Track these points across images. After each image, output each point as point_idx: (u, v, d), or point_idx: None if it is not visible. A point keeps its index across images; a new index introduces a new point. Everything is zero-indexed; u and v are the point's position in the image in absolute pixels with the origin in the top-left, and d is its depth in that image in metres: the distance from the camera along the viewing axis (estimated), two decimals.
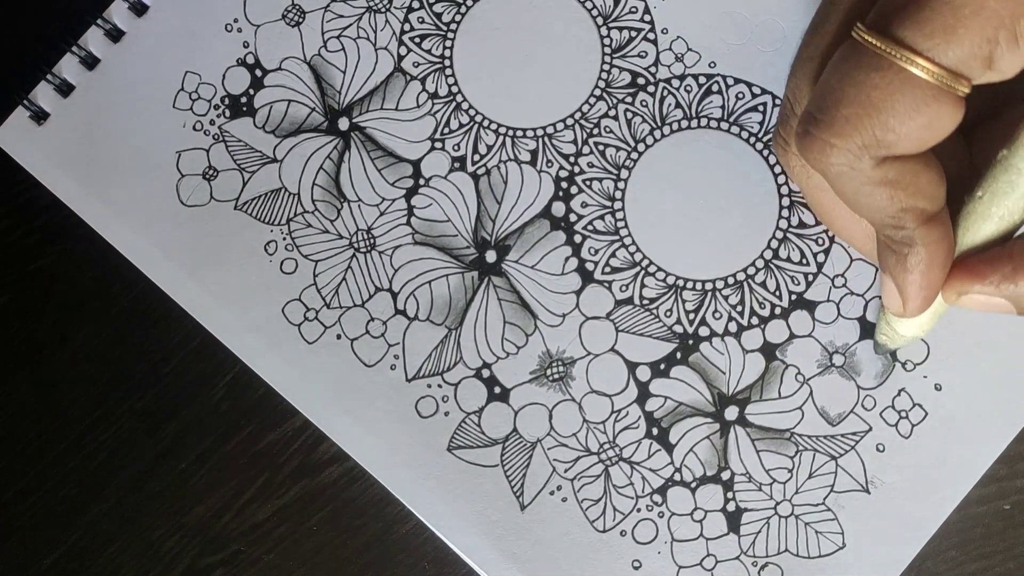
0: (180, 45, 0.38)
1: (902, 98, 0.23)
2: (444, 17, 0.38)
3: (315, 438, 0.37)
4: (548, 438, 0.35)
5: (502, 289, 0.36)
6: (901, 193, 0.24)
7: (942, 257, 0.25)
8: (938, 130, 0.23)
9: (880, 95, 0.23)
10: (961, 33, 0.22)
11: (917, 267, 0.26)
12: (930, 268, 0.26)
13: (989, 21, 0.22)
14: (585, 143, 0.36)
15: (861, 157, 0.24)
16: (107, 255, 0.38)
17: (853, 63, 0.23)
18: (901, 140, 0.23)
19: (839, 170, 0.24)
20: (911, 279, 0.26)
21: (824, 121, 0.24)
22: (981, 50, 0.22)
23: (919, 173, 0.24)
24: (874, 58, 0.23)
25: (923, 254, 0.25)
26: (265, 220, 0.37)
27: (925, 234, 0.25)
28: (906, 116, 0.23)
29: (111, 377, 0.38)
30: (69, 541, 0.37)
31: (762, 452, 0.35)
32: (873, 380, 0.35)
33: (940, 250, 0.25)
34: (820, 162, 0.24)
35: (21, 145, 0.38)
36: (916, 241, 0.25)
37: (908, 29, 0.22)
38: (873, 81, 0.23)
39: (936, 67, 0.22)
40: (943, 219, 0.25)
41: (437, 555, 0.36)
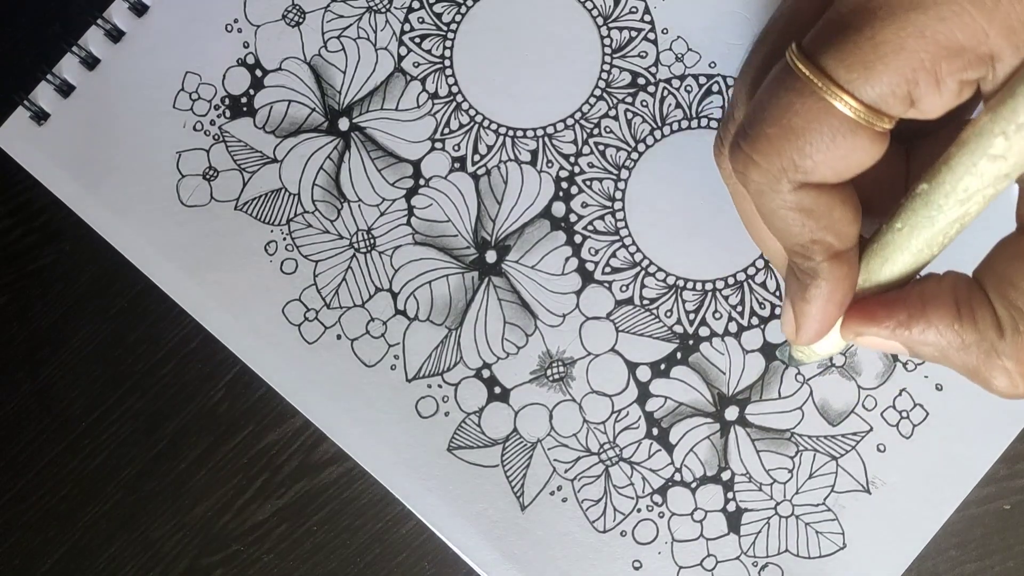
0: (180, 45, 0.38)
1: (819, 127, 0.23)
2: (444, 17, 0.38)
3: (315, 438, 0.37)
4: (548, 438, 0.35)
5: (502, 289, 0.36)
6: (813, 224, 0.24)
7: (841, 295, 0.26)
8: (855, 162, 0.24)
9: (800, 121, 0.23)
10: (880, 70, 0.22)
11: (816, 299, 0.26)
12: (828, 303, 0.26)
13: (908, 61, 0.22)
14: (585, 143, 0.36)
15: (780, 179, 0.24)
16: (107, 255, 0.38)
17: (781, 84, 0.24)
18: (818, 167, 0.23)
19: (758, 187, 0.24)
20: (808, 310, 0.26)
21: (751, 136, 0.24)
22: (900, 89, 0.22)
23: (834, 208, 0.24)
24: (799, 83, 0.23)
25: (824, 288, 0.26)
26: (265, 220, 0.37)
27: (829, 269, 0.25)
28: (823, 145, 0.23)
29: (111, 377, 0.38)
30: (69, 541, 0.37)
31: (762, 452, 0.35)
32: (874, 380, 0.35)
33: (840, 288, 0.26)
34: (743, 176, 0.25)
35: (21, 145, 0.38)
36: (820, 275, 0.25)
37: (832, 60, 0.23)
38: (795, 107, 0.23)
39: (856, 101, 0.23)
40: (850, 258, 0.26)
41: (437, 555, 0.36)
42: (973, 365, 0.24)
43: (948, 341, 0.24)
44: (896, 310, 0.25)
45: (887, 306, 0.26)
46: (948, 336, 0.24)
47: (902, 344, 0.26)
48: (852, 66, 0.22)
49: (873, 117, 0.23)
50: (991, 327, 0.24)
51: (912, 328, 0.25)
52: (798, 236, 0.25)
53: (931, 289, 0.25)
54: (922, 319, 0.25)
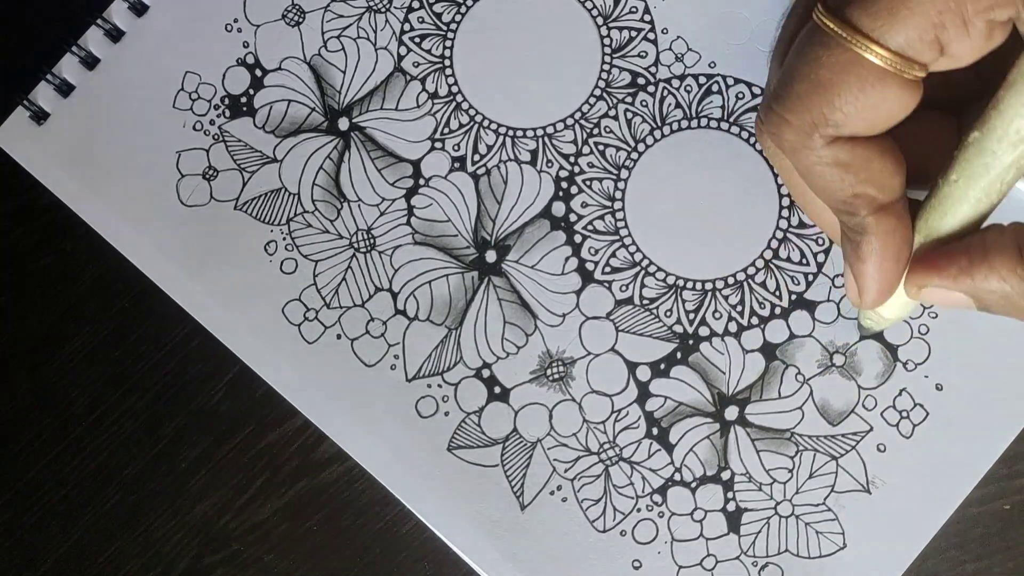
0: (180, 45, 0.38)
1: (847, 78, 0.23)
2: (444, 17, 0.38)
3: (315, 438, 0.37)
4: (548, 438, 0.35)
5: (502, 289, 0.36)
6: (852, 177, 0.24)
7: (894, 248, 0.25)
8: (886, 111, 0.24)
9: (828, 74, 0.23)
10: (905, 15, 0.22)
11: (870, 256, 0.26)
12: (883, 259, 0.26)
13: (934, 4, 0.22)
14: (585, 143, 0.36)
15: (811, 135, 0.24)
16: (107, 255, 0.38)
17: (809, 43, 0.24)
18: (849, 119, 0.23)
19: (792, 146, 0.24)
20: (865, 269, 0.26)
21: (781, 96, 0.24)
22: (928, 34, 0.22)
23: (871, 159, 0.24)
24: (826, 38, 0.23)
25: (875, 243, 0.25)
26: (265, 220, 0.37)
27: (876, 223, 0.25)
28: (852, 96, 0.23)
29: (111, 377, 0.38)
30: (70, 541, 0.37)
31: (762, 452, 0.35)
32: (874, 380, 0.35)
33: (893, 241, 0.25)
34: (777, 138, 0.25)
35: (21, 145, 0.38)
36: (868, 229, 0.25)
37: (857, 11, 0.23)
38: (822, 60, 0.23)
39: (884, 50, 0.23)
40: (898, 210, 0.25)
41: (437, 555, 0.36)
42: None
43: (1012, 286, 0.24)
44: (957, 257, 0.25)
45: (948, 255, 0.25)
46: (1012, 281, 0.24)
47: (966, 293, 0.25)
48: (877, 14, 0.22)
49: (903, 64, 0.23)
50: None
51: (974, 274, 0.24)
52: (839, 191, 0.25)
53: (992, 237, 0.25)
54: (984, 264, 0.24)
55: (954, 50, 0.23)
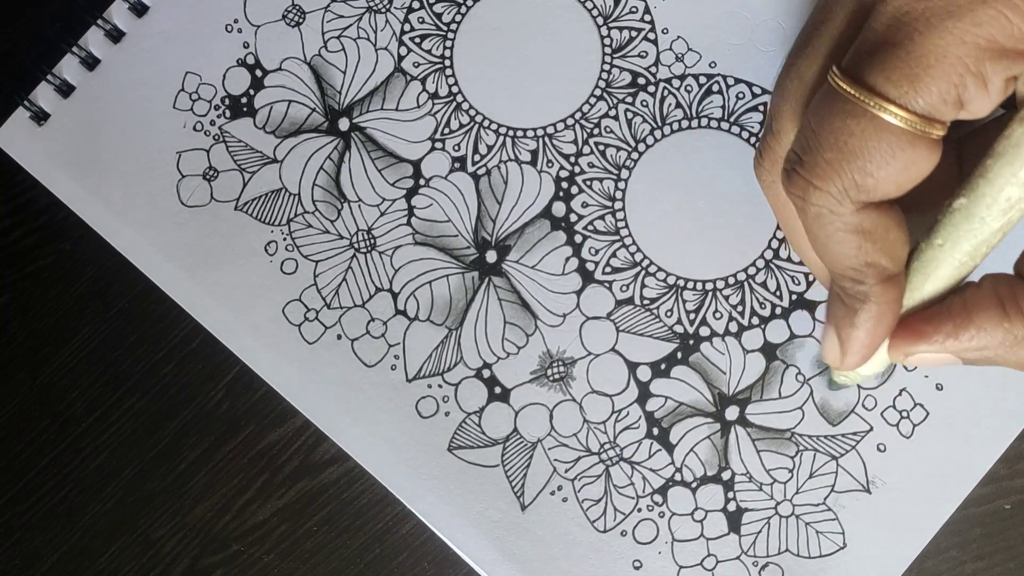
0: (180, 46, 0.38)
1: (878, 144, 0.23)
2: (444, 17, 0.38)
3: (315, 438, 0.37)
4: (549, 438, 0.35)
5: (502, 289, 0.36)
6: (870, 246, 0.25)
7: (890, 318, 0.26)
8: (915, 172, 0.24)
9: (857, 142, 0.23)
10: (927, 81, 0.23)
11: (864, 324, 0.26)
12: (877, 326, 0.26)
13: (953, 68, 0.22)
14: (585, 143, 0.36)
15: (842, 201, 0.24)
16: (107, 255, 0.38)
17: (830, 108, 0.24)
18: (880, 184, 0.24)
19: (818, 211, 0.25)
20: (855, 335, 0.26)
21: (808, 163, 0.24)
22: (950, 95, 0.23)
23: (891, 229, 0.25)
24: (848, 104, 0.23)
25: (873, 312, 0.26)
26: (265, 220, 0.37)
27: (881, 292, 0.25)
28: (883, 161, 0.23)
29: (111, 377, 0.38)
30: (69, 542, 0.37)
31: (763, 452, 0.35)
32: (874, 380, 0.35)
33: (890, 311, 0.26)
34: (802, 201, 0.25)
35: (21, 145, 0.38)
36: (871, 298, 0.25)
37: (878, 77, 0.23)
38: (850, 128, 0.23)
39: (908, 113, 0.23)
40: (899, 282, 0.26)
41: (437, 555, 0.36)
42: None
43: (1000, 340, 0.25)
44: (942, 323, 0.25)
45: (932, 321, 0.26)
46: (998, 336, 0.24)
47: (953, 354, 0.26)
48: (899, 81, 0.23)
49: (926, 126, 0.23)
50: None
51: (960, 336, 0.25)
52: (853, 259, 0.25)
53: (972, 295, 0.25)
54: (970, 325, 0.25)
55: (974, 107, 0.23)
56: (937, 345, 0.25)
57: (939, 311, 0.26)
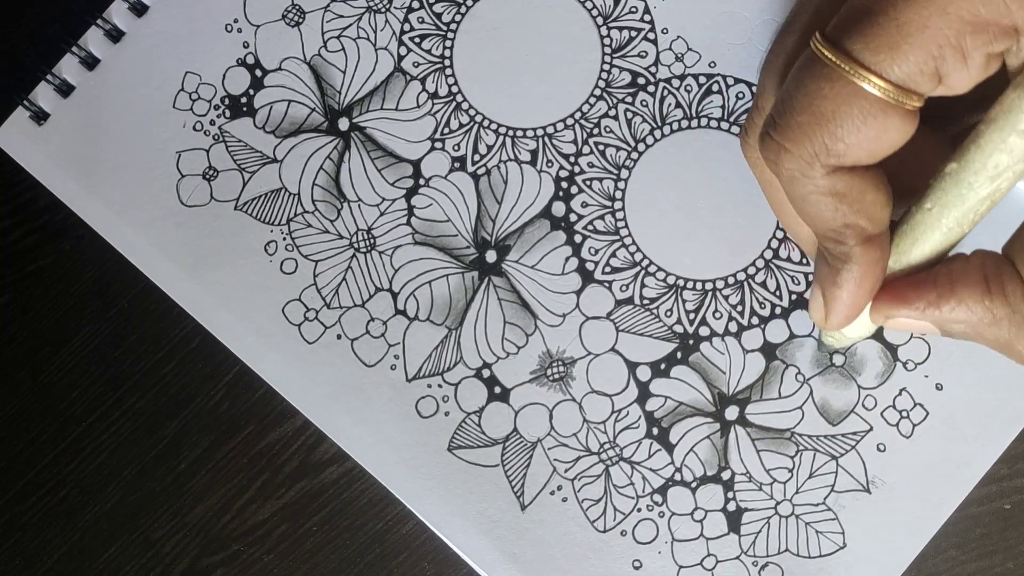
0: (180, 45, 0.38)
1: (849, 110, 0.23)
2: (444, 17, 0.38)
3: (315, 438, 0.37)
4: (548, 438, 0.35)
5: (502, 289, 0.36)
6: (846, 208, 0.25)
7: (872, 279, 0.26)
8: (887, 142, 0.24)
9: (830, 106, 0.23)
10: (905, 49, 0.23)
11: (847, 284, 0.26)
12: (859, 287, 0.26)
13: (933, 38, 0.22)
14: (585, 143, 0.36)
15: (812, 164, 0.24)
16: (107, 255, 0.38)
17: (808, 73, 0.24)
18: (850, 150, 0.24)
19: (791, 174, 0.25)
20: (839, 294, 0.26)
21: (781, 126, 0.24)
22: (927, 66, 0.23)
23: (866, 191, 0.25)
24: (826, 69, 0.24)
25: (855, 272, 0.26)
26: (265, 220, 0.37)
27: (862, 253, 0.25)
28: (854, 127, 0.23)
29: (111, 377, 0.38)
30: (69, 541, 0.37)
31: (762, 452, 0.35)
32: (874, 380, 0.35)
33: (872, 272, 0.26)
34: (775, 165, 0.25)
35: (21, 145, 0.38)
36: (852, 259, 0.26)
37: (857, 44, 0.23)
38: (824, 92, 0.24)
39: (884, 82, 0.23)
40: (882, 242, 0.26)
41: (437, 555, 0.36)
42: (1005, 339, 0.25)
43: (979, 317, 0.25)
44: (925, 290, 0.25)
45: (916, 287, 0.26)
46: (978, 312, 0.25)
47: (933, 323, 0.26)
48: (878, 48, 0.23)
49: (902, 96, 0.23)
50: (1021, 299, 0.24)
51: (942, 307, 0.25)
52: (831, 221, 0.25)
53: (959, 267, 0.25)
54: (952, 297, 0.25)
55: (952, 81, 0.23)
56: (918, 312, 0.26)
57: (924, 278, 0.26)
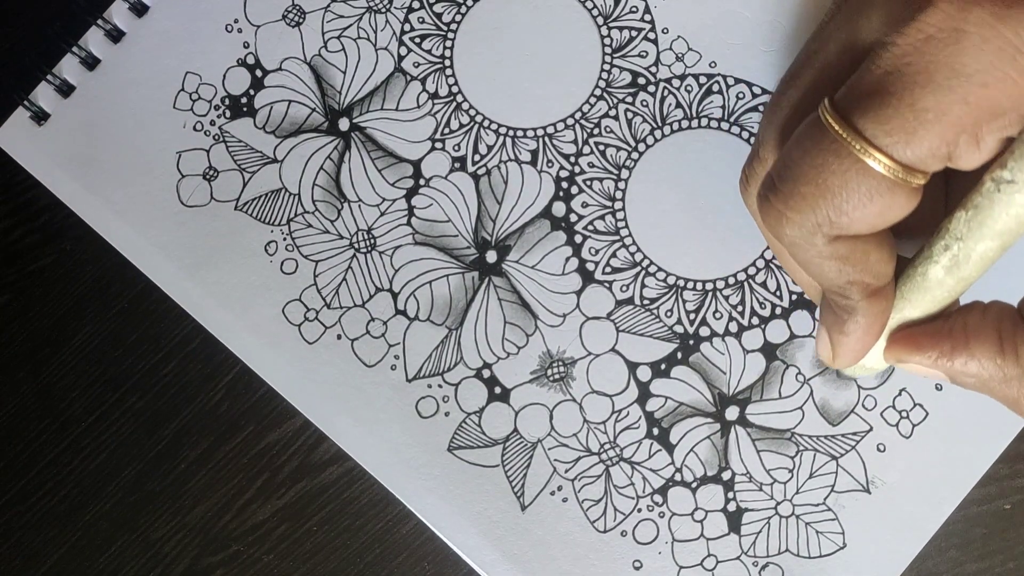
0: (180, 45, 0.38)
1: (857, 187, 0.23)
2: (444, 17, 0.38)
3: (315, 438, 0.37)
4: (549, 438, 0.35)
5: (502, 289, 0.36)
6: (850, 268, 0.25)
7: (878, 327, 0.26)
8: (890, 216, 0.24)
9: (836, 181, 0.23)
10: (922, 135, 0.22)
11: (853, 332, 0.26)
12: (865, 335, 0.26)
13: (952, 127, 0.22)
14: (585, 143, 0.36)
15: (814, 234, 0.24)
16: (107, 255, 0.38)
17: (815, 143, 0.24)
18: (854, 224, 0.24)
19: (792, 240, 0.25)
20: (845, 341, 0.27)
21: (783, 193, 0.24)
22: (940, 151, 0.23)
23: (870, 252, 0.25)
24: (835, 144, 0.23)
25: (861, 323, 0.26)
26: (265, 220, 0.37)
27: (867, 306, 0.26)
28: (860, 203, 0.23)
29: (111, 377, 0.38)
30: (69, 541, 0.37)
31: (763, 452, 0.35)
32: (874, 380, 0.35)
33: (878, 322, 0.26)
34: (775, 229, 0.25)
35: (21, 145, 0.38)
36: (858, 312, 0.26)
37: (870, 123, 0.23)
38: (831, 166, 0.23)
39: (893, 162, 0.23)
40: (887, 293, 0.26)
41: (437, 555, 0.36)
42: (1014, 397, 0.25)
43: (990, 374, 0.25)
44: (940, 341, 0.25)
45: (931, 336, 0.26)
46: (990, 369, 0.25)
47: (944, 373, 0.26)
48: (892, 131, 0.22)
49: (908, 175, 0.23)
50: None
51: (955, 359, 0.25)
52: (835, 280, 0.25)
53: (975, 321, 0.25)
54: (965, 351, 0.25)
55: (963, 163, 0.23)
56: (930, 360, 0.26)
57: (940, 328, 0.26)
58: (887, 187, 0.23)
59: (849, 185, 0.23)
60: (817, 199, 0.23)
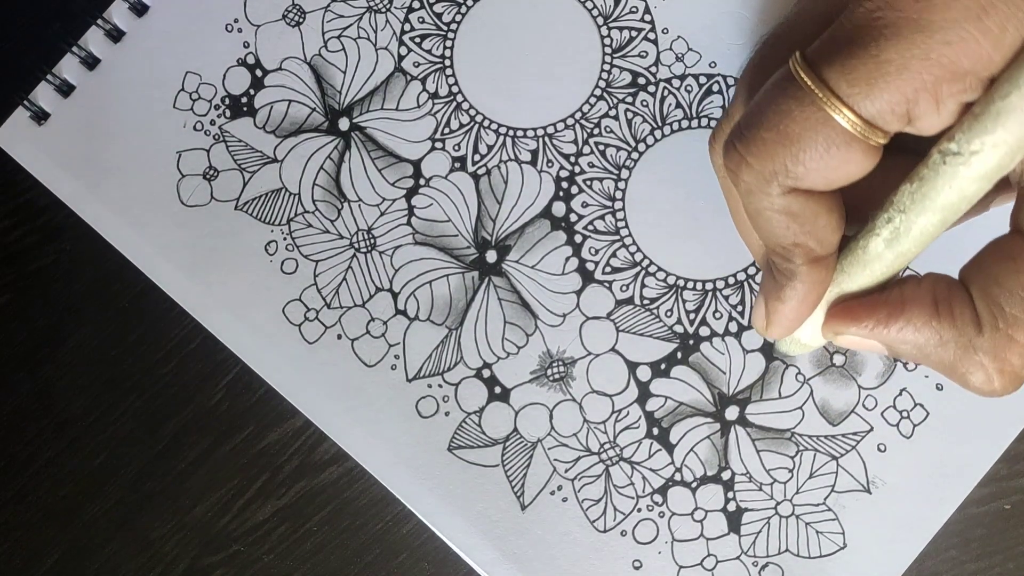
0: (180, 45, 0.38)
1: (815, 136, 0.23)
2: (444, 17, 0.38)
3: (315, 438, 0.37)
4: (549, 438, 0.35)
5: (503, 289, 0.36)
6: (797, 227, 0.25)
7: (814, 298, 0.26)
8: (846, 172, 0.24)
9: (797, 128, 0.23)
10: (882, 87, 0.22)
11: (790, 300, 0.26)
12: (801, 304, 0.26)
13: (910, 81, 0.22)
14: (585, 143, 0.36)
15: (770, 182, 0.24)
16: (107, 255, 0.38)
17: (781, 91, 0.24)
18: (809, 174, 0.24)
19: (748, 188, 0.25)
20: (780, 308, 0.27)
21: (746, 138, 0.24)
22: (900, 107, 0.23)
23: (820, 215, 0.25)
24: (800, 92, 0.23)
25: (799, 290, 0.26)
26: (265, 220, 0.37)
27: (807, 273, 0.26)
28: (817, 154, 0.23)
29: (111, 377, 0.38)
30: (69, 541, 0.37)
31: (763, 452, 0.35)
32: (874, 380, 0.35)
33: (815, 291, 0.26)
34: (735, 175, 0.25)
35: (21, 145, 0.38)
36: (797, 277, 0.26)
37: (835, 72, 0.23)
38: (794, 114, 0.23)
39: (854, 115, 0.23)
40: (828, 263, 0.26)
41: (437, 555, 0.36)
42: (950, 361, 0.25)
43: (926, 338, 0.25)
44: (876, 309, 0.26)
45: (867, 306, 0.26)
46: (926, 333, 0.25)
47: (881, 342, 0.26)
48: (855, 80, 0.23)
49: (869, 131, 0.23)
50: (969, 323, 0.24)
51: (891, 326, 0.25)
52: (781, 238, 0.25)
53: (910, 289, 0.25)
54: (901, 317, 0.25)
55: (921, 124, 0.23)
56: (867, 330, 0.26)
57: (876, 298, 0.26)
58: (846, 140, 0.23)
59: (808, 133, 0.23)
60: (777, 145, 0.24)
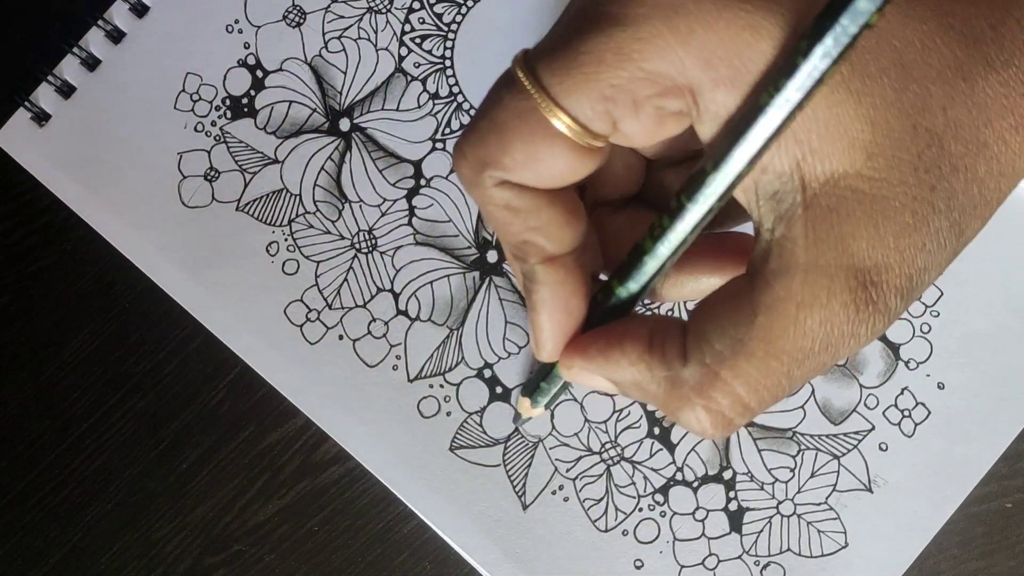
0: (181, 46, 0.38)
1: (520, 126, 0.22)
2: (445, 17, 0.38)
3: (316, 438, 0.37)
4: (550, 438, 0.35)
5: (503, 289, 0.36)
6: (520, 223, 0.24)
7: (563, 300, 0.25)
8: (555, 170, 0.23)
9: (505, 117, 0.23)
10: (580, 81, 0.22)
11: (541, 307, 0.25)
12: (554, 311, 0.25)
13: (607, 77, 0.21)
14: None
15: (481, 171, 0.23)
16: (108, 256, 0.38)
17: (502, 82, 0.23)
18: (516, 167, 0.23)
19: (467, 180, 0.24)
20: (538, 320, 0.26)
21: (466, 128, 0.24)
22: (598, 105, 0.22)
23: (541, 209, 0.24)
24: (512, 80, 0.23)
25: (544, 294, 0.25)
26: (267, 221, 0.37)
27: (544, 272, 0.25)
28: (522, 145, 0.23)
29: (112, 377, 0.38)
30: (71, 542, 0.37)
31: (764, 451, 0.35)
32: (876, 379, 0.35)
33: (561, 292, 0.25)
34: (456, 166, 0.24)
35: (22, 146, 0.38)
36: (536, 278, 0.25)
37: (542, 65, 0.22)
38: (505, 102, 0.23)
39: (558, 109, 0.22)
40: (568, 263, 0.25)
41: (439, 555, 0.36)
42: (662, 398, 0.24)
43: (640, 372, 0.24)
44: (597, 340, 0.25)
45: (591, 337, 0.25)
46: (640, 367, 0.24)
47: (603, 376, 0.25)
48: (555, 71, 0.22)
49: (577, 129, 0.22)
50: (676, 358, 0.23)
51: (609, 358, 0.24)
52: (509, 235, 0.24)
53: (633, 323, 0.25)
54: (617, 349, 0.24)
55: (625, 128, 0.22)
56: (589, 362, 0.25)
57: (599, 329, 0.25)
58: (550, 135, 0.22)
59: (514, 122, 0.22)
60: (487, 132, 0.23)
